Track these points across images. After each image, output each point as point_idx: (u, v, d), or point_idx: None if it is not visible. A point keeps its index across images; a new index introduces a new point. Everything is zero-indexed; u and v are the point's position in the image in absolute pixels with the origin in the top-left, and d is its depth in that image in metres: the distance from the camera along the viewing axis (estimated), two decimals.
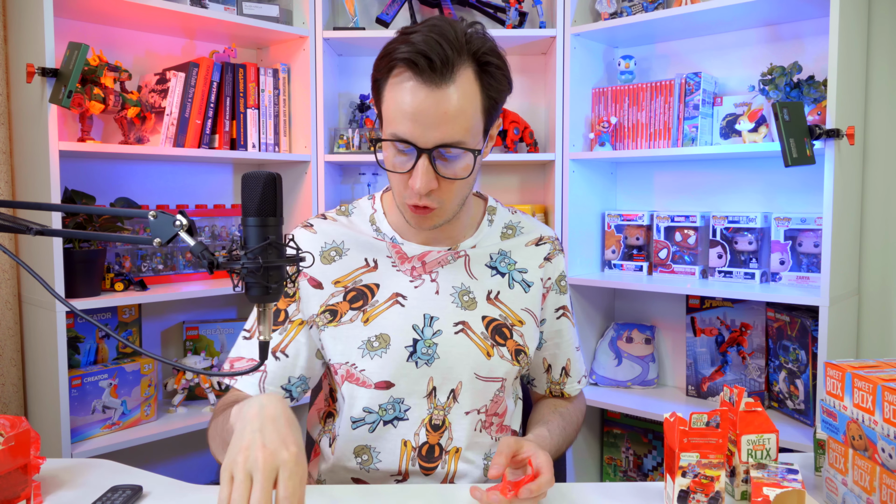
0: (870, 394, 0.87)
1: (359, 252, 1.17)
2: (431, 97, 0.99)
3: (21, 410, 1.92)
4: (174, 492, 1.03)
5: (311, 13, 2.17)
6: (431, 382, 1.12)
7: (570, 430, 1.23)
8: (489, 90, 1.03)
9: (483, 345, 1.13)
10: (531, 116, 2.38)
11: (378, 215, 1.21)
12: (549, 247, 1.24)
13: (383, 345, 1.11)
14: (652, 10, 2.05)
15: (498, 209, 1.25)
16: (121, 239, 0.87)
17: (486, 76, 1.03)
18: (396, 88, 1.01)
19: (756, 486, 0.87)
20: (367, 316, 1.13)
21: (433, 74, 0.98)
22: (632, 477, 2.31)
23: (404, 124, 1.01)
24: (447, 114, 0.99)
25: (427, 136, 1.00)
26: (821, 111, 1.81)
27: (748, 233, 2.00)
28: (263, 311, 0.84)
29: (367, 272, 1.16)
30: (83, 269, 1.79)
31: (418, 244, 1.18)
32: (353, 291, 1.15)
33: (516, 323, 1.17)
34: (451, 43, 0.99)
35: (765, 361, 2.01)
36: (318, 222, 1.21)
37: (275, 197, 0.82)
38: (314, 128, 2.19)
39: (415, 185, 1.02)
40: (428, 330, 1.13)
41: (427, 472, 1.12)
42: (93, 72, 1.79)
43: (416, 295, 1.14)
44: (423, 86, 0.99)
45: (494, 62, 1.03)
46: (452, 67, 0.99)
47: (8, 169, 1.89)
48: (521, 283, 1.19)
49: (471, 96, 1.01)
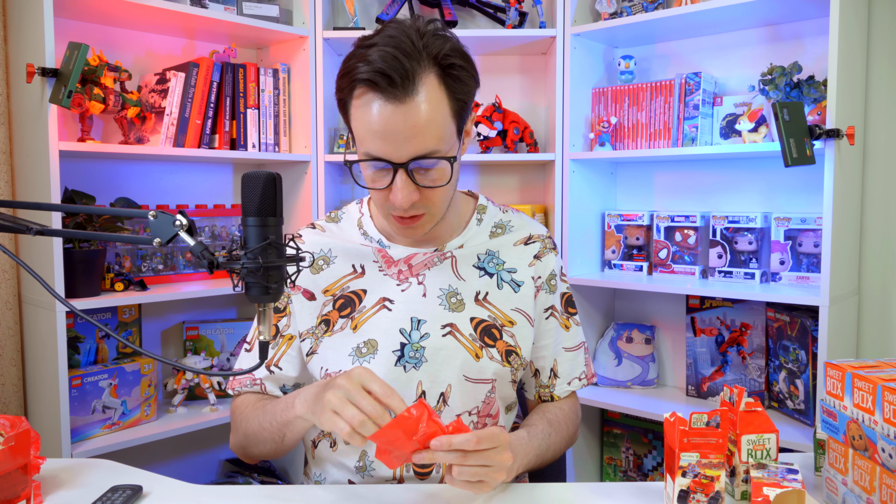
0: (870, 394, 0.87)
1: (346, 259, 1.18)
2: (398, 113, 0.98)
3: (21, 410, 1.92)
4: (174, 492, 1.03)
5: (311, 13, 2.17)
6: (420, 386, 1.11)
7: (555, 437, 1.17)
8: (455, 93, 1.02)
9: (471, 346, 1.13)
10: (531, 116, 2.38)
11: (365, 219, 1.22)
12: (538, 245, 1.22)
13: (371, 350, 1.12)
14: (652, 10, 2.05)
15: (489, 208, 1.25)
16: (121, 239, 0.87)
17: (450, 80, 1.01)
18: (362, 109, 1.00)
19: (756, 486, 0.87)
20: (355, 323, 1.14)
21: (396, 91, 0.97)
22: (632, 477, 2.31)
23: (375, 143, 1.00)
24: (416, 126, 0.98)
25: (400, 152, 1.00)
26: (821, 111, 1.81)
27: (748, 233, 1.99)
28: (263, 311, 0.84)
29: (355, 279, 1.17)
30: (83, 269, 1.79)
31: (404, 246, 1.18)
32: (342, 299, 1.16)
33: (506, 323, 1.16)
34: (408, 55, 0.97)
35: (765, 361, 2.01)
36: (307, 233, 1.23)
37: (275, 197, 0.82)
38: (314, 128, 2.19)
39: (396, 201, 1.03)
40: (415, 333, 1.12)
41: (422, 477, 1.11)
42: (93, 72, 1.78)
43: (404, 298, 1.14)
44: (387, 103, 0.97)
45: (457, 63, 1.02)
46: (414, 79, 0.97)
47: (8, 169, 1.89)
48: (510, 283, 1.18)
49: (437, 103, 1.00)
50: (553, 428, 1.17)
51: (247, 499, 1.02)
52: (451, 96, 1.02)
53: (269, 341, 0.86)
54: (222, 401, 2.12)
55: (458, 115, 1.04)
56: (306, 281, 1.19)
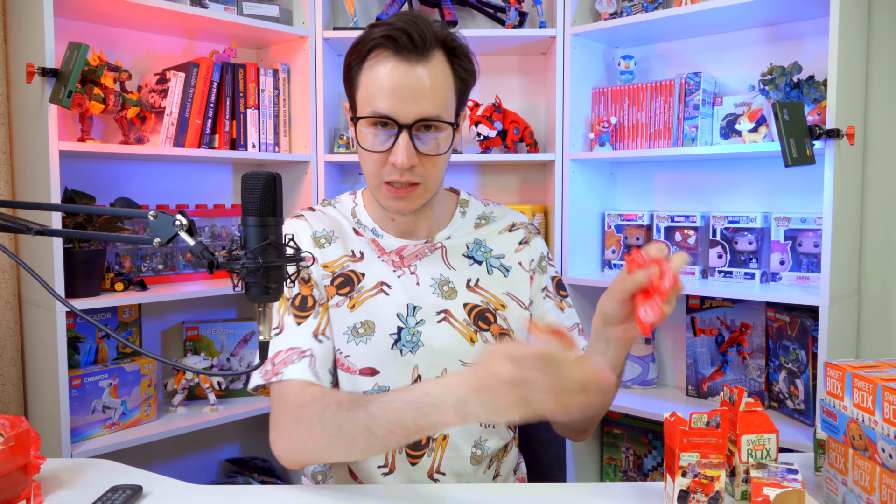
0: (870, 394, 0.87)
1: (345, 241, 1.20)
2: (411, 73, 1.04)
3: (21, 410, 1.92)
4: (174, 492, 1.02)
5: (311, 13, 2.17)
6: (416, 370, 1.13)
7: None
8: (459, 72, 1.10)
9: (466, 331, 1.15)
10: (531, 116, 2.38)
11: (359, 208, 1.23)
12: (522, 231, 1.26)
13: (368, 331, 1.13)
14: (652, 10, 2.05)
15: (471, 201, 1.28)
16: (121, 239, 0.87)
17: (455, 59, 1.09)
18: (375, 68, 1.06)
19: (756, 486, 0.87)
20: (353, 302, 1.15)
21: (412, 51, 1.04)
22: (632, 477, 2.31)
23: (384, 101, 1.05)
24: (425, 88, 1.05)
25: (407, 111, 1.04)
26: (821, 111, 1.81)
27: (748, 233, 1.99)
28: (263, 310, 0.84)
29: (354, 261, 1.18)
30: (83, 269, 1.79)
31: (396, 237, 1.19)
32: (341, 277, 1.16)
33: (499, 307, 1.18)
34: (427, 26, 1.05)
35: (765, 361, 2.01)
36: (308, 213, 1.23)
37: (275, 197, 0.82)
38: (314, 128, 2.19)
39: (396, 161, 1.05)
40: (411, 319, 1.14)
41: (414, 461, 1.12)
42: (93, 72, 1.78)
43: (399, 285, 1.16)
44: (402, 62, 1.04)
45: (461, 46, 1.10)
46: (428, 46, 1.05)
47: (8, 169, 1.89)
48: (499, 268, 1.21)
49: (444, 75, 1.07)
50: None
51: (247, 499, 1.02)
52: (455, 74, 1.10)
53: (268, 341, 0.86)
54: (222, 401, 2.12)
55: (459, 96, 1.11)
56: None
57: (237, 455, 2.40)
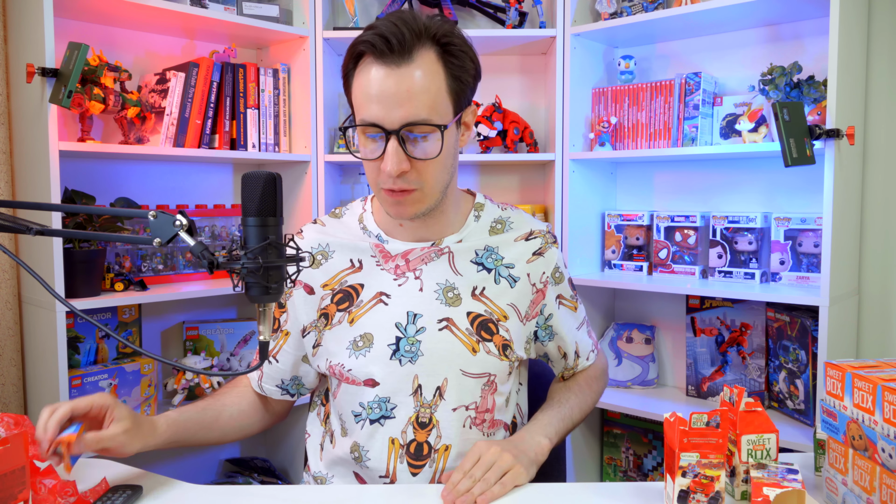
0: (870, 394, 0.87)
1: (343, 254, 1.19)
2: (392, 76, 1.02)
3: (21, 410, 1.92)
4: (174, 492, 1.03)
5: (311, 13, 2.17)
6: (417, 380, 1.12)
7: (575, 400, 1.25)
8: (452, 69, 1.06)
9: (468, 341, 1.14)
10: (531, 116, 2.38)
11: (366, 215, 1.23)
12: (539, 241, 1.22)
13: (367, 344, 1.13)
14: (652, 10, 2.05)
15: (486, 205, 1.25)
16: (121, 239, 0.87)
17: (448, 56, 1.06)
18: (361, 75, 1.05)
19: (756, 486, 0.87)
20: (352, 317, 1.15)
21: (392, 55, 1.02)
22: (632, 477, 2.31)
23: (370, 108, 1.04)
24: (409, 91, 1.02)
25: (392, 116, 1.03)
26: (821, 111, 1.81)
27: (748, 233, 1.99)
28: (263, 310, 0.84)
29: (352, 273, 1.18)
30: (83, 269, 1.79)
31: (403, 241, 1.19)
32: (340, 293, 1.17)
33: (501, 318, 1.17)
34: (409, 26, 1.03)
35: (765, 361, 2.01)
36: (307, 228, 1.25)
37: (275, 197, 0.82)
38: (314, 128, 2.19)
39: (386, 168, 1.04)
40: (411, 327, 1.13)
41: (415, 471, 1.12)
42: (93, 72, 1.78)
43: (400, 293, 1.15)
44: (383, 67, 1.02)
45: (455, 42, 1.07)
46: (410, 48, 1.02)
47: (8, 169, 1.89)
48: (507, 278, 1.19)
49: (433, 75, 1.04)
50: (571, 392, 1.26)
51: (247, 499, 1.02)
52: (448, 73, 1.06)
53: (268, 341, 0.86)
54: None
55: (456, 96, 1.07)
56: (306, 276, 1.20)
57: (237, 455, 2.40)
